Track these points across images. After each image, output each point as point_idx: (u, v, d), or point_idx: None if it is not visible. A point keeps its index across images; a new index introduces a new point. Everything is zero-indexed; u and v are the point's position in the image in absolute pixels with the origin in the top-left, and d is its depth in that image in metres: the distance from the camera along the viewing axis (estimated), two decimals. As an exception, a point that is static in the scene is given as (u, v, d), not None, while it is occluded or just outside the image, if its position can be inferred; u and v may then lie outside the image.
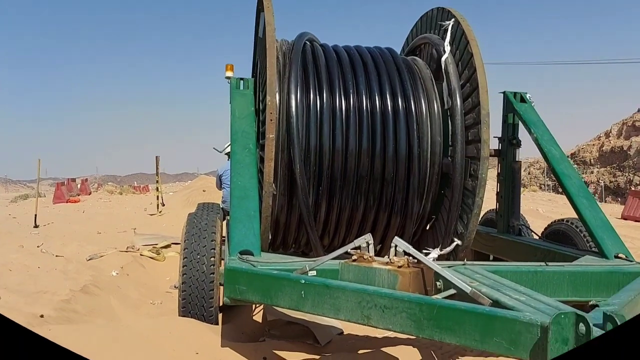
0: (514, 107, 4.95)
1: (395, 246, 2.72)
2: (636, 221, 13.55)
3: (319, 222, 4.41)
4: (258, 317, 4.19)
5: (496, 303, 2.54)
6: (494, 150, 5.37)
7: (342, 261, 2.83)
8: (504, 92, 5.17)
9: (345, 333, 3.90)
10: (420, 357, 3.42)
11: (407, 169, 4.31)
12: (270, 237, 4.09)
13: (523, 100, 5.04)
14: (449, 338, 2.36)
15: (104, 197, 22.61)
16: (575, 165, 68.15)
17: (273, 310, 3.98)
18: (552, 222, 4.90)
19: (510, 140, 5.16)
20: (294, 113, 4.06)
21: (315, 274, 3.05)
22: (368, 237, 2.82)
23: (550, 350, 2.08)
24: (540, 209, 15.89)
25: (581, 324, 2.06)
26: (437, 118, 4.49)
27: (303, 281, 2.75)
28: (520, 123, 5.03)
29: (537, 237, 4.98)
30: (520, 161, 5.15)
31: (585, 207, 4.05)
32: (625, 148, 60.50)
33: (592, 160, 63.31)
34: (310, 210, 4.08)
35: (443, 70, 4.48)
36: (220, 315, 4.10)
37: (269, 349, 3.29)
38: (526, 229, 5.33)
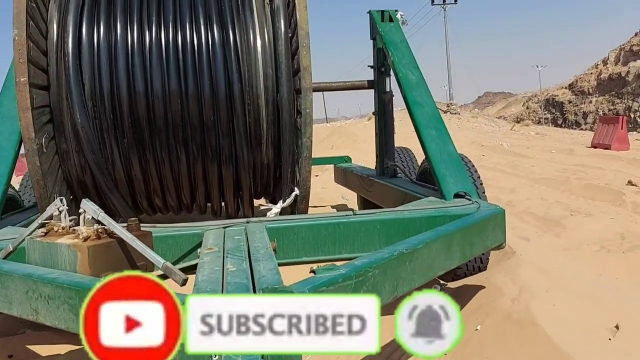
0: (377, 27, 4.21)
1: (84, 212, 2.08)
2: (605, 148, 12.81)
3: (137, 180, 3.76)
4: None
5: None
6: (368, 81, 4.68)
7: (29, 237, 2.20)
8: (369, 12, 4.41)
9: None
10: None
11: (229, 111, 3.63)
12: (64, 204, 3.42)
13: (392, 19, 4.29)
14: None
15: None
16: (574, 96, 67.14)
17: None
18: (423, 160, 4.23)
19: (379, 68, 4.44)
20: (70, 50, 3.34)
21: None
22: (58, 203, 2.18)
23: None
24: (505, 143, 15.15)
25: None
26: (268, 47, 3.75)
27: (-27, 267, 2.13)
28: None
29: (406, 177, 4.33)
30: (391, 91, 4.44)
31: (432, 139, 3.39)
32: (623, 74, 58.92)
33: (590, 90, 61.95)
34: (102, 167, 3.44)
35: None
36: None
37: (21, 344, 2.73)
38: (409, 169, 4.67)
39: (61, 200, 2.17)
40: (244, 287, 1.71)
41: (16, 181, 5.49)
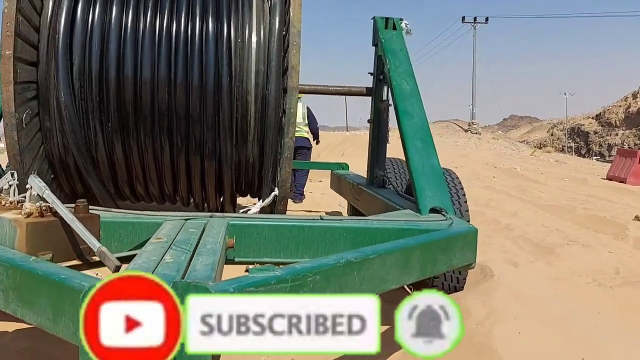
0: (379, 34, 4.15)
1: (31, 187, 2.05)
2: (620, 182, 12.51)
3: (119, 165, 3.74)
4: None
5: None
6: (366, 88, 4.62)
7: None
8: (373, 18, 4.35)
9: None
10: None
11: (216, 104, 3.59)
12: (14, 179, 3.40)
13: (395, 27, 4.22)
14: (29, 316, 1.72)
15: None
16: (600, 127, 66.11)
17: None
18: (411, 173, 4.14)
19: (378, 76, 4.37)
20: (62, 28, 3.34)
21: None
22: (9, 177, 2.15)
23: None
24: (519, 167, 14.91)
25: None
26: (263, 43, 3.71)
27: None
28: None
29: (393, 189, 4.23)
30: (387, 100, 4.36)
31: (417, 151, 3.30)
32: (652, 109, 57.76)
33: (617, 122, 60.94)
34: (82, 149, 3.42)
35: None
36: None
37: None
38: (401, 180, 4.59)
39: (12, 174, 2.14)
40: (170, 279, 1.65)
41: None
